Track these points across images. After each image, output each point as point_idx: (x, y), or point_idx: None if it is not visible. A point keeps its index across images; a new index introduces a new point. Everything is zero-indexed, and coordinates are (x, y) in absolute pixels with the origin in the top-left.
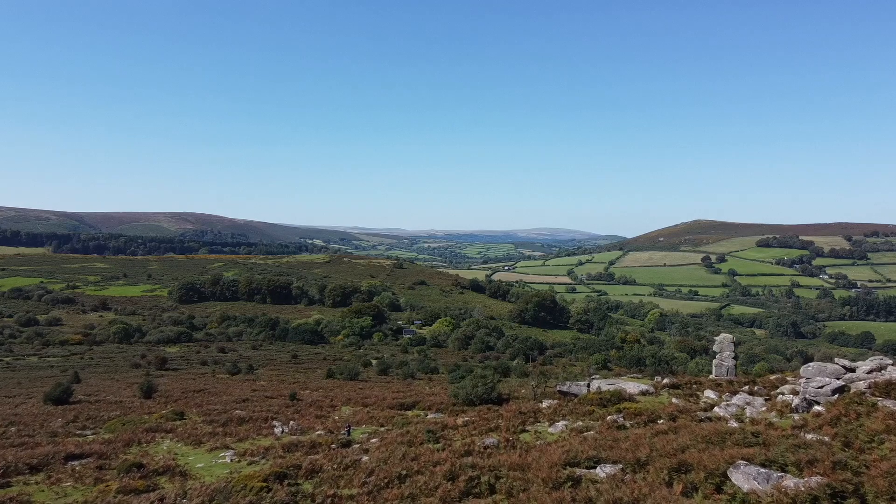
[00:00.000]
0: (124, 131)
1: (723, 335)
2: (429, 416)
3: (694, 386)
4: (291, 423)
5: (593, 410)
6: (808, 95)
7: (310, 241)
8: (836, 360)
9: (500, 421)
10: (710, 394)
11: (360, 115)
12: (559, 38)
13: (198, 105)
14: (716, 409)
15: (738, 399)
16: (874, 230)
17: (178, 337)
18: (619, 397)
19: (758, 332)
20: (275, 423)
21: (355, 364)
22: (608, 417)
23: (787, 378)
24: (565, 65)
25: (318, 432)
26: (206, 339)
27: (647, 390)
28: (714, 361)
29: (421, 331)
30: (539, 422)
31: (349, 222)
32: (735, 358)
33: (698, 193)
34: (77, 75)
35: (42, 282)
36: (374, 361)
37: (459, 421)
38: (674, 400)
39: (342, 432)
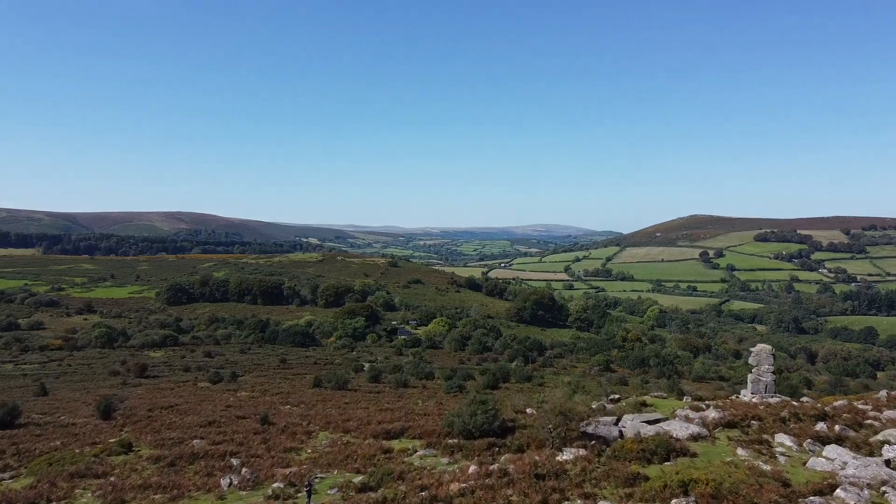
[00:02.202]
0: (119, 130)
1: (759, 346)
2: (417, 455)
3: (753, 422)
4: (244, 470)
5: (639, 474)
6: (804, 89)
7: (304, 240)
8: None
9: (509, 491)
10: (785, 440)
11: (356, 113)
12: (554, 36)
13: (194, 103)
14: (839, 491)
15: (852, 462)
16: (872, 224)
17: (164, 341)
18: (668, 447)
19: (759, 328)
20: (233, 460)
21: (345, 370)
22: (673, 502)
23: (858, 406)
24: (560, 61)
25: (276, 485)
26: (192, 342)
27: (698, 433)
28: (750, 377)
29: (416, 331)
30: (568, 499)
31: (345, 220)
32: (774, 372)
33: (694, 188)
34: (74, 75)
35: (26, 284)
36: (366, 365)
37: (454, 487)
38: (740, 451)
39: (304, 485)
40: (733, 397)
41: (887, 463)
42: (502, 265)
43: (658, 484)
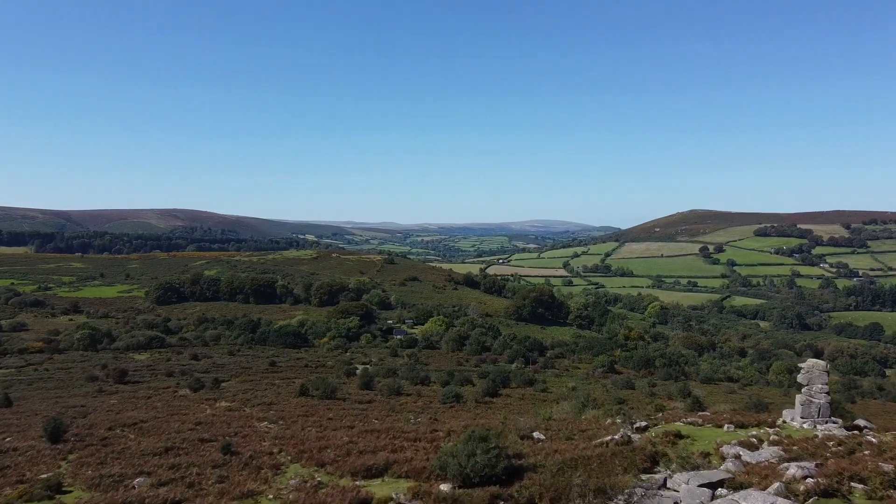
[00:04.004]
0: (118, 127)
1: (812, 361)
2: None
3: (855, 486)
4: None
5: None
6: (803, 83)
7: (301, 237)
8: None
9: None
10: None
11: (355, 110)
12: (550, 31)
13: (191, 100)
14: None
15: None
16: (872, 218)
17: (150, 342)
18: None
19: (762, 324)
20: None
21: (336, 374)
22: None
23: None
24: (556, 57)
25: None
26: (180, 343)
27: None
28: (799, 397)
29: (412, 331)
30: None
31: (343, 217)
32: (828, 393)
33: (693, 182)
34: (72, 73)
35: (13, 283)
36: (359, 368)
37: None
38: None
39: None
40: (780, 422)
41: None
42: (500, 261)
43: None
